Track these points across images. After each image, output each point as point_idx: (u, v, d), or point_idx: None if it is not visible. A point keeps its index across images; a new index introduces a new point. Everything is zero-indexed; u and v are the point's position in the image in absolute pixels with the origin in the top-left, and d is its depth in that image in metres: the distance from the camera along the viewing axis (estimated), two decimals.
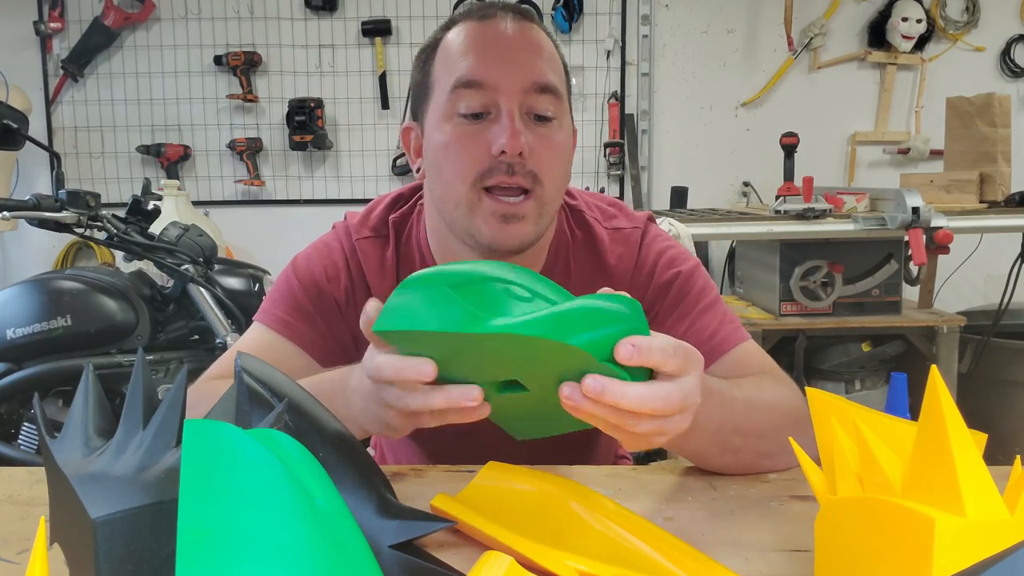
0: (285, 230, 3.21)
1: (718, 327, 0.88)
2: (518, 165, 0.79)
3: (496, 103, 0.80)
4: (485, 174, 0.80)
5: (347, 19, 3.12)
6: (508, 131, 0.78)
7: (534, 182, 0.80)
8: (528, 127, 0.81)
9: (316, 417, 0.57)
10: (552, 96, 0.82)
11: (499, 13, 0.84)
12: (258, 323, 0.90)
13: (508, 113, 0.80)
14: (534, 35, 0.84)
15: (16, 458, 1.75)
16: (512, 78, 0.80)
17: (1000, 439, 2.41)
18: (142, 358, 0.51)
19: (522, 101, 0.80)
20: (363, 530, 0.45)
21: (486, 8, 0.85)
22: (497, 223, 0.80)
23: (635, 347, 0.53)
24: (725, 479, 0.75)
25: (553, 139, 0.82)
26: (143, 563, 0.41)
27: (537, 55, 0.83)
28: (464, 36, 0.83)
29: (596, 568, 0.54)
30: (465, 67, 0.81)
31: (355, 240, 0.92)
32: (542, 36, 0.85)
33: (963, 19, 3.14)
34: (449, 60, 0.83)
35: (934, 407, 0.44)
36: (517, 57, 0.81)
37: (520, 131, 0.79)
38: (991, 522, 0.41)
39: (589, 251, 0.94)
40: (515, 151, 0.78)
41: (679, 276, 0.91)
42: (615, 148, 3.15)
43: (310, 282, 0.90)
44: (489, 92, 0.80)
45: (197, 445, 0.38)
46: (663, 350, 0.54)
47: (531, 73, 0.81)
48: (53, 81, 3.14)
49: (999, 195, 2.39)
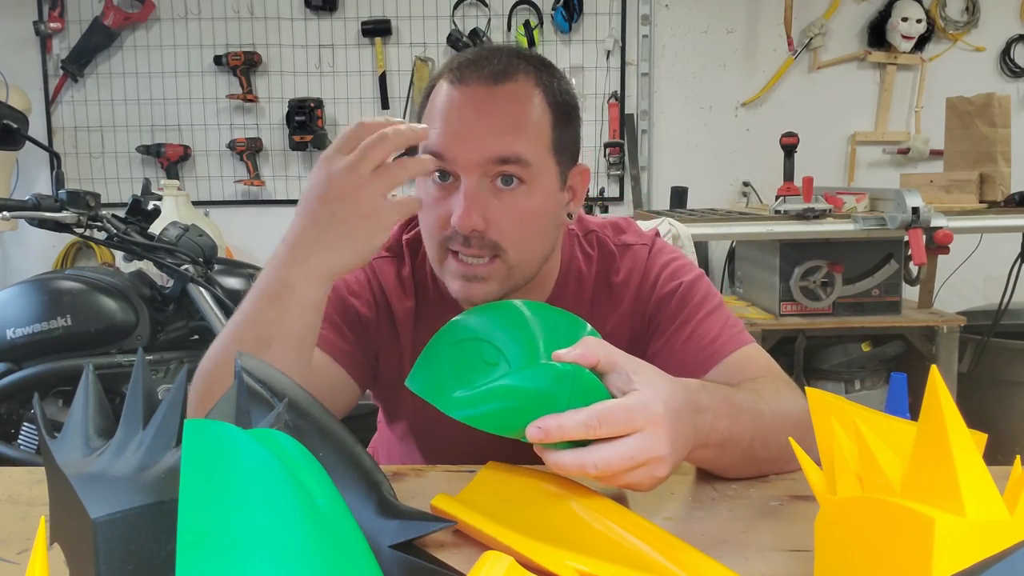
0: (285, 230, 3.20)
1: (720, 332, 0.89)
2: (474, 237, 0.81)
3: (457, 174, 0.81)
4: (447, 239, 0.83)
5: (347, 19, 3.12)
6: (461, 209, 0.80)
7: (495, 250, 0.82)
8: (494, 195, 0.81)
9: (316, 417, 0.57)
10: (516, 165, 0.81)
11: (475, 75, 0.82)
12: None
13: (464, 188, 0.80)
14: (505, 101, 0.82)
15: (16, 458, 1.75)
16: (470, 154, 0.80)
17: (1000, 439, 2.41)
18: (142, 358, 0.51)
19: (481, 174, 0.81)
20: (363, 530, 0.45)
21: (467, 67, 0.83)
22: (461, 281, 0.84)
23: (541, 429, 0.57)
24: (726, 479, 0.75)
25: (516, 206, 0.82)
26: (143, 563, 0.41)
27: (503, 124, 0.81)
28: (440, 100, 0.83)
29: (596, 568, 0.54)
30: (433, 136, 0.82)
31: (373, 260, 0.95)
32: (519, 96, 0.82)
33: (963, 19, 3.14)
34: (428, 121, 0.84)
35: (934, 407, 0.44)
36: (478, 131, 0.80)
37: (471, 209, 0.79)
38: (991, 522, 0.42)
39: (600, 268, 0.96)
40: (467, 229, 0.80)
41: (681, 287, 0.92)
42: (615, 148, 3.15)
43: (333, 294, 0.91)
44: (450, 164, 0.81)
45: (197, 445, 0.38)
46: (581, 424, 0.57)
47: (489, 148, 0.80)
48: (53, 81, 3.14)
49: (999, 195, 2.39)
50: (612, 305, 0.95)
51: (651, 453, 0.58)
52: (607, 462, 0.57)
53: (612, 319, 0.94)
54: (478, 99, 0.82)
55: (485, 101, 0.82)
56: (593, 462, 0.57)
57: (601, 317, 0.94)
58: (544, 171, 0.84)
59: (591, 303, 0.96)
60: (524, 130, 0.82)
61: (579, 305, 0.95)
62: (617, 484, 0.60)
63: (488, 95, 0.82)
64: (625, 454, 0.57)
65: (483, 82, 0.82)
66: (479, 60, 0.84)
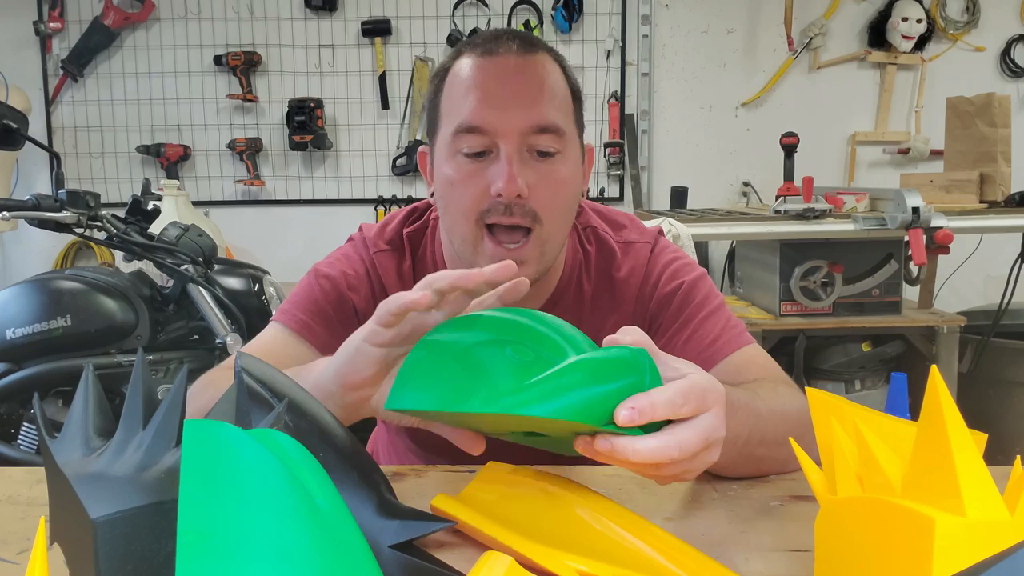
0: (285, 230, 3.21)
1: (720, 332, 0.89)
2: (516, 205, 0.81)
3: (496, 144, 0.81)
4: (485, 213, 0.82)
5: (347, 19, 3.12)
6: (505, 174, 0.79)
7: (534, 220, 0.82)
8: (529, 165, 0.82)
9: (316, 417, 0.57)
10: (553, 135, 0.82)
11: (503, 47, 0.83)
12: (276, 322, 0.91)
13: (507, 156, 0.80)
14: (537, 70, 0.83)
15: (16, 458, 1.75)
16: (511, 122, 0.80)
17: (1000, 439, 2.41)
18: (142, 358, 0.51)
19: (521, 143, 0.81)
20: (363, 530, 0.45)
21: (491, 41, 0.84)
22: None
23: (635, 410, 0.51)
24: (725, 479, 0.75)
25: (555, 175, 0.83)
26: (143, 563, 0.41)
27: (539, 93, 0.82)
28: (467, 74, 0.83)
29: (596, 568, 0.54)
30: (466, 111, 0.81)
31: (373, 253, 0.94)
32: (547, 68, 0.84)
33: (963, 19, 3.14)
34: (453, 98, 0.84)
35: (934, 407, 0.44)
36: (517, 99, 0.81)
37: (516, 174, 0.80)
38: (991, 522, 0.41)
39: (600, 266, 0.96)
40: (511, 194, 0.80)
41: (683, 286, 0.92)
42: (615, 148, 3.15)
43: (331, 288, 0.92)
44: (489, 136, 0.81)
45: (197, 445, 0.38)
46: (669, 402, 0.52)
47: (530, 115, 0.81)
48: (53, 81, 3.14)
49: (999, 195, 2.39)
50: (614, 302, 0.95)
51: (719, 433, 0.55)
52: (690, 442, 0.52)
53: (613, 317, 0.94)
54: (513, 68, 0.82)
55: (519, 70, 0.82)
56: (678, 443, 0.52)
57: (602, 313, 0.94)
58: (572, 142, 0.85)
59: (592, 299, 0.95)
60: (556, 100, 0.83)
61: (580, 301, 0.95)
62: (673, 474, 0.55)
63: (522, 64, 0.83)
64: (701, 434, 0.53)
65: (514, 52, 0.83)
66: (500, 36, 0.84)
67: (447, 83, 0.85)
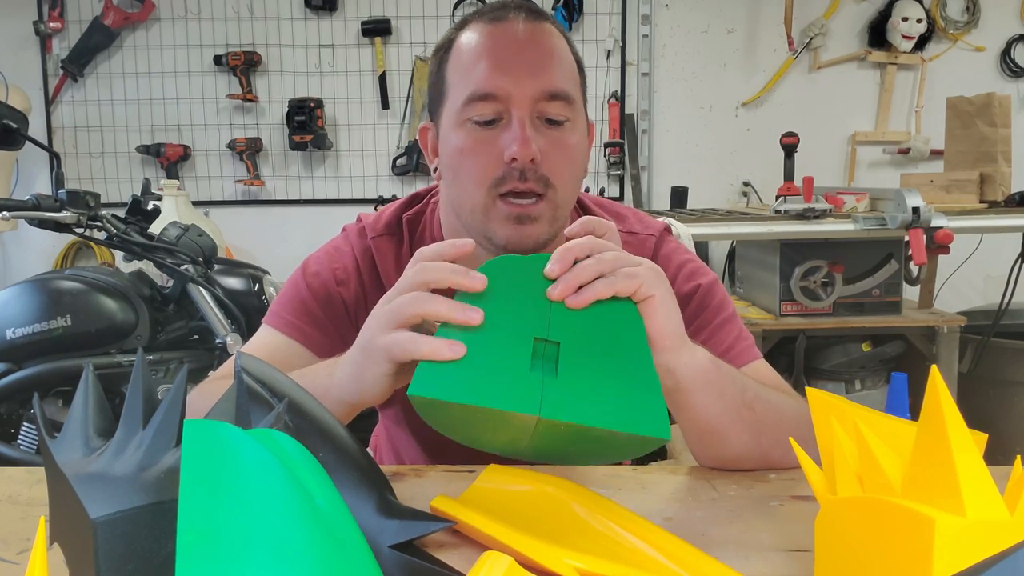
0: (285, 230, 3.21)
1: (733, 343, 0.89)
2: (530, 171, 0.80)
3: (508, 111, 0.81)
4: (499, 180, 0.81)
5: (347, 19, 3.12)
6: (519, 139, 0.79)
7: (546, 186, 0.81)
8: (540, 132, 0.81)
9: (316, 417, 0.57)
10: (563, 102, 0.82)
11: (511, 14, 0.83)
12: (266, 325, 0.91)
13: (519, 121, 0.80)
14: (546, 38, 0.83)
15: (16, 458, 1.75)
16: (523, 88, 0.80)
17: (1000, 439, 2.40)
18: (142, 358, 0.51)
19: (533, 108, 0.81)
20: (363, 530, 0.45)
21: (498, 9, 0.84)
22: (512, 225, 0.82)
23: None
24: (725, 479, 0.75)
25: (565, 142, 0.83)
26: (143, 563, 0.41)
27: (549, 60, 0.82)
28: (476, 41, 0.83)
29: (596, 568, 0.54)
30: (477, 79, 0.81)
31: (370, 239, 0.94)
32: (555, 37, 0.84)
33: (963, 19, 3.14)
34: (462, 66, 0.83)
35: (934, 407, 0.44)
36: (528, 65, 0.81)
37: (530, 138, 0.79)
38: (991, 522, 0.41)
39: None
40: (526, 159, 0.79)
41: (699, 289, 0.92)
42: (615, 148, 3.15)
43: (319, 285, 0.91)
44: (501, 102, 0.81)
45: (197, 445, 0.38)
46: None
47: (542, 82, 0.81)
48: (53, 81, 3.14)
49: (999, 195, 2.39)
50: None
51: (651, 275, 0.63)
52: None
53: None
54: (523, 34, 0.82)
55: (530, 37, 0.82)
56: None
57: None
58: (579, 112, 0.85)
59: None
60: (566, 68, 0.84)
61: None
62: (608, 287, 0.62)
63: (532, 30, 0.83)
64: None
65: (524, 19, 0.83)
66: (506, 4, 0.84)
67: (453, 54, 0.85)
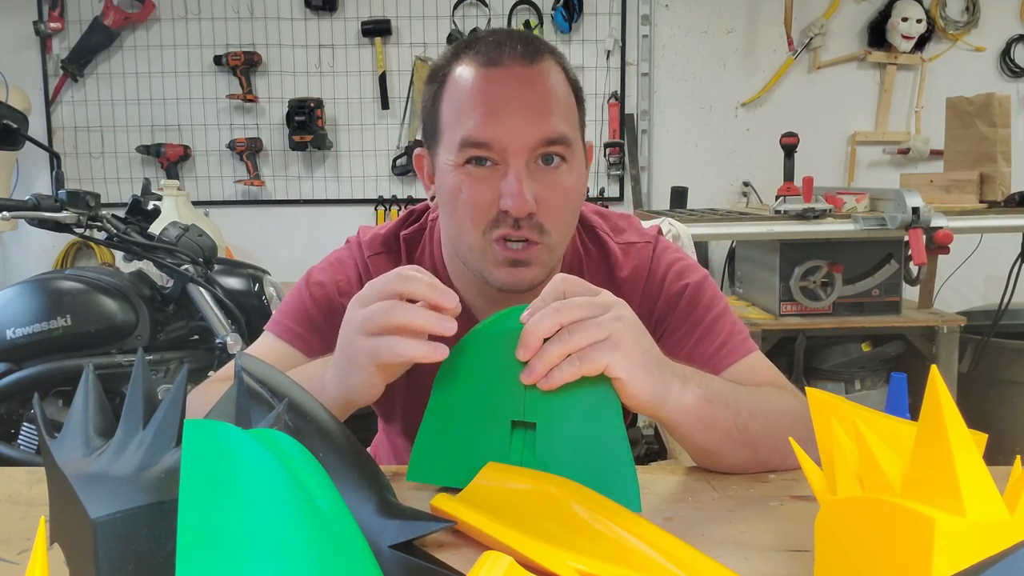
0: (285, 230, 3.21)
1: (727, 339, 0.89)
2: (524, 220, 0.80)
3: (504, 160, 0.80)
4: (494, 223, 0.81)
5: (347, 19, 3.12)
6: (515, 193, 0.78)
7: (541, 233, 0.81)
8: (535, 177, 0.80)
9: (316, 417, 0.57)
10: (561, 146, 0.81)
11: (506, 57, 0.80)
12: (268, 332, 0.92)
13: (516, 172, 0.79)
14: (542, 80, 0.81)
15: (16, 458, 1.75)
16: (519, 139, 0.79)
17: (1000, 439, 2.40)
18: (142, 358, 0.51)
19: (529, 156, 0.80)
20: (363, 530, 0.45)
21: (494, 49, 0.81)
22: (507, 268, 0.82)
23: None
24: (725, 479, 0.75)
25: (561, 184, 0.82)
26: (143, 563, 0.41)
27: (546, 105, 0.80)
28: (471, 85, 0.81)
29: (596, 568, 0.54)
30: (472, 126, 0.79)
31: (367, 257, 0.94)
32: (551, 75, 0.82)
33: (963, 19, 3.14)
34: (456, 107, 0.81)
35: (934, 407, 0.43)
36: (525, 113, 0.79)
37: (524, 192, 0.78)
38: (991, 522, 0.41)
39: (602, 266, 0.96)
40: (522, 213, 0.79)
41: (688, 288, 0.92)
42: (615, 148, 3.15)
43: (322, 295, 0.92)
44: (497, 151, 0.79)
45: (197, 445, 0.38)
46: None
47: (539, 131, 0.79)
48: (53, 81, 3.14)
49: (999, 195, 2.39)
50: None
51: (616, 327, 0.64)
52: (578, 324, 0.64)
53: None
54: (518, 80, 0.80)
55: (525, 82, 0.80)
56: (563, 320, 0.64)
57: None
58: (577, 148, 0.85)
59: None
60: (562, 109, 0.82)
61: None
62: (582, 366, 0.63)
63: (527, 75, 0.81)
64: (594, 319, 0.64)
65: (519, 62, 0.80)
66: (503, 42, 0.82)
67: (447, 90, 0.83)
